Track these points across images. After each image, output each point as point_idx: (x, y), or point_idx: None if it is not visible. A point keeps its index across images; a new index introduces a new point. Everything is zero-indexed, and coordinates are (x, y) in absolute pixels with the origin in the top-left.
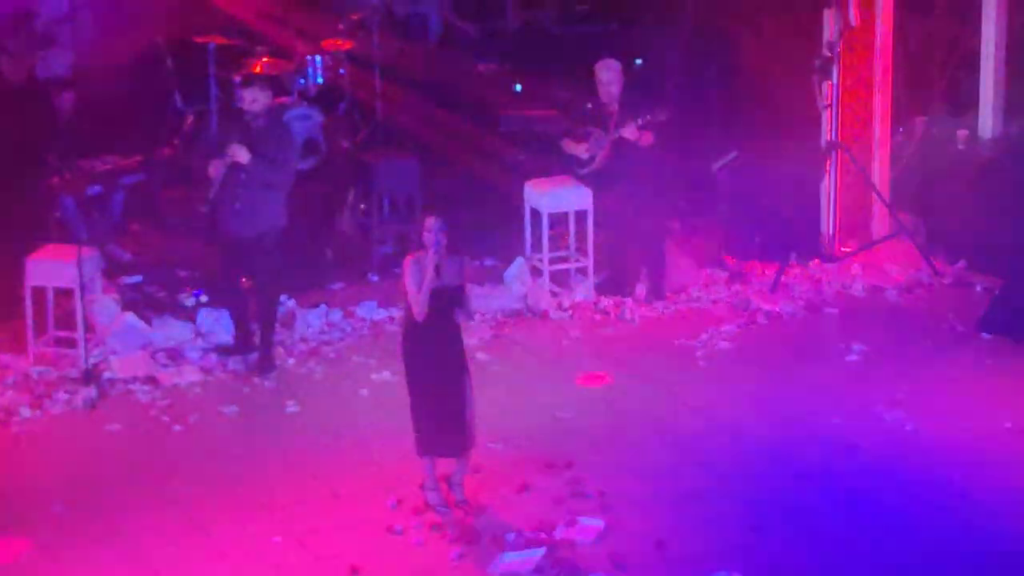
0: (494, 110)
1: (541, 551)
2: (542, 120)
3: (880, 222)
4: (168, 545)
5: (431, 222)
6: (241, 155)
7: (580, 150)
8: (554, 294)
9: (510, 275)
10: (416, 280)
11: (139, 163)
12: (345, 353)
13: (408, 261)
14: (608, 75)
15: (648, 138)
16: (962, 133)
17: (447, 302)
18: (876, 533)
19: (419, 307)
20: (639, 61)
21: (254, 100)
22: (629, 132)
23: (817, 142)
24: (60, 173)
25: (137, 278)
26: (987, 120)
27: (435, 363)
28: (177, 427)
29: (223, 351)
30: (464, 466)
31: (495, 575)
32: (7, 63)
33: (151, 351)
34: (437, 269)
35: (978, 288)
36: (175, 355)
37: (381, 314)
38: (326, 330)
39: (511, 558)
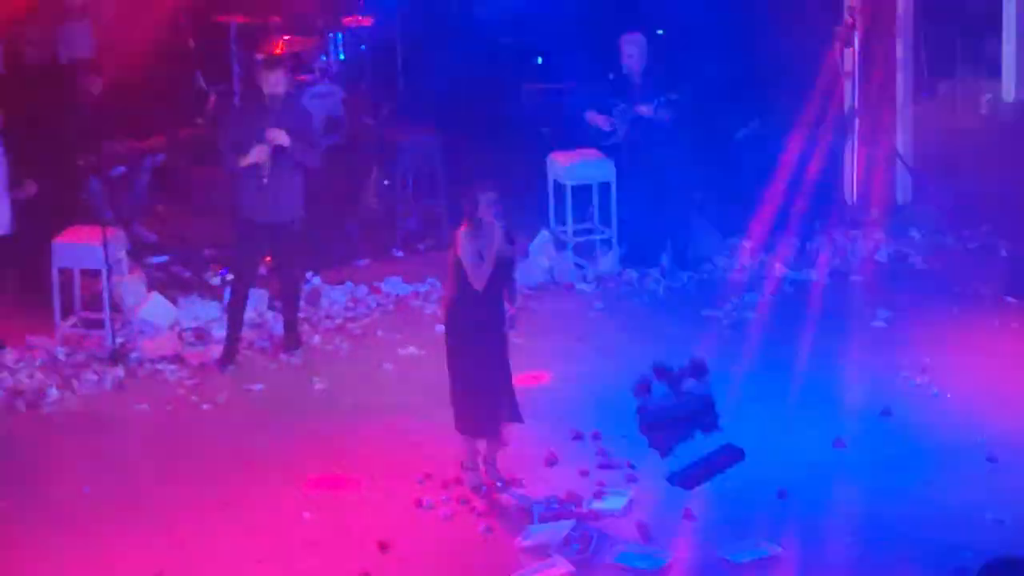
0: (516, 83)
1: (571, 523)
2: (564, 92)
3: (905, 188)
4: (198, 523)
5: (490, 196)
6: (283, 138)
7: (603, 122)
8: (579, 266)
9: (535, 248)
10: (473, 251)
11: (163, 143)
12: (370, 329)
13: (461, 233)
14: (631, 48)
15: (665, 113)
16: (985, 97)
17: (501, 273)
18: (904, 499)
19: (481, 278)
20: (661, 32)
21: (277, 83)
22: (646, 109)
23: (840, 109)
24: (85, 155)
25: (163, 258)
26: (1010, 84)
27: (483, 338)
28: (205, 406)
29: (223, 363)
30: (499, 444)
31: (524, 547)
32: (29, 50)
33: (178, 330)
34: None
35: (1003, 252)
36: (202, 334)
37: (406, 289)
38: (351, 306)
39: (539, 531)
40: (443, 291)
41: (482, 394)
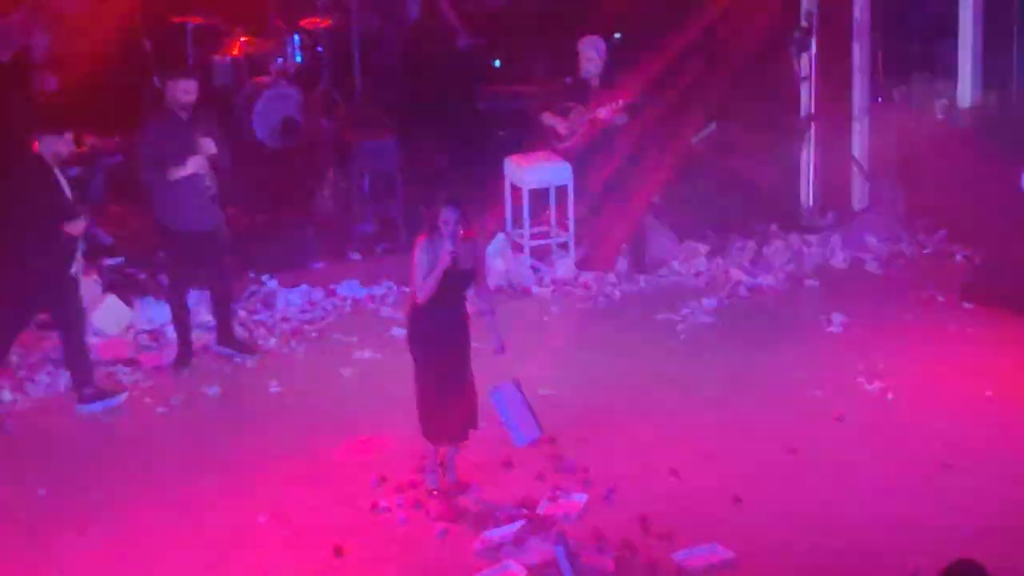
0: (473, 86)
1: (520, 523)
2: (522, 96)
3: (860, 193)
4: (153, 526)
5: (448, 213)
6: (211, 147)
7: (559, 124)
8: (535, 270)
9: (491, 251)
10: (425, 264)
11: (118, 144)
12: (326, 332)
13: (419, 243)
14: (590, 52)
15: (622, 118)
16: (941, 103)
17: (457, 285)
18: (858, 505)
19: (424, 292)
20: (618, 35)
21: (188, 91)
22: (604, 113)
23: (796, 114)
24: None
25: (118, 260)
26: (966, 89)
27: (443, 347)
28: (160, 409)
29: (178, 366)
30: (459, 448)
31: (478, 551)
32: None
33: (133, 333)
34: (453, 258)
35: (958, 257)
36: (157, 336)
37: (362, 293)
38: (307, 309)
39: (493, 534)
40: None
41: (443, 401)
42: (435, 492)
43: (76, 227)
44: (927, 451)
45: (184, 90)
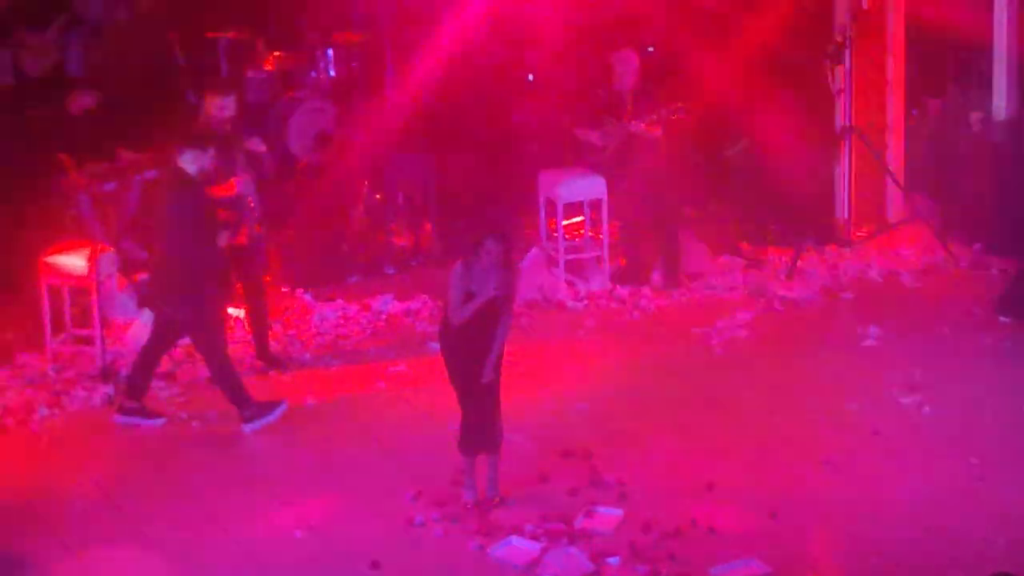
0: (507, 100)
1: (538, 546)
2: (556, 109)
3: (895, 206)
4: (189, 540)
5: (493, 244)
6: (243, 183)
7: (593, 138)
8: (570, 284)
9: (526, 265)
10: (459, 289)
11: (153, 159)
12: (361, 346)
13: (456, 266)
14: (623, 66)
15: (656, 132)
16: (976, 115)
17: (492, 310)
18: (894, 518)
19: (460, 319)
20: (651, 48)
21: (223, 108)
22: (636, 127)
23: (831, 127)
24: (76, 170)
25: None
26: (1001, 102)
27: (472, 365)
28: (195, 423)
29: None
30: (496, 463)
31: (494, 556)
32: (29, 60)
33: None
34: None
35: (994, 271)
36: (192, 351)
37: (397, 307)
38: (342, 323)
39: (511, 544)
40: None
41: (476, 413)
42: (471, 506)
43: (223, 240)
44: (963, 464)
45: (220, 106)
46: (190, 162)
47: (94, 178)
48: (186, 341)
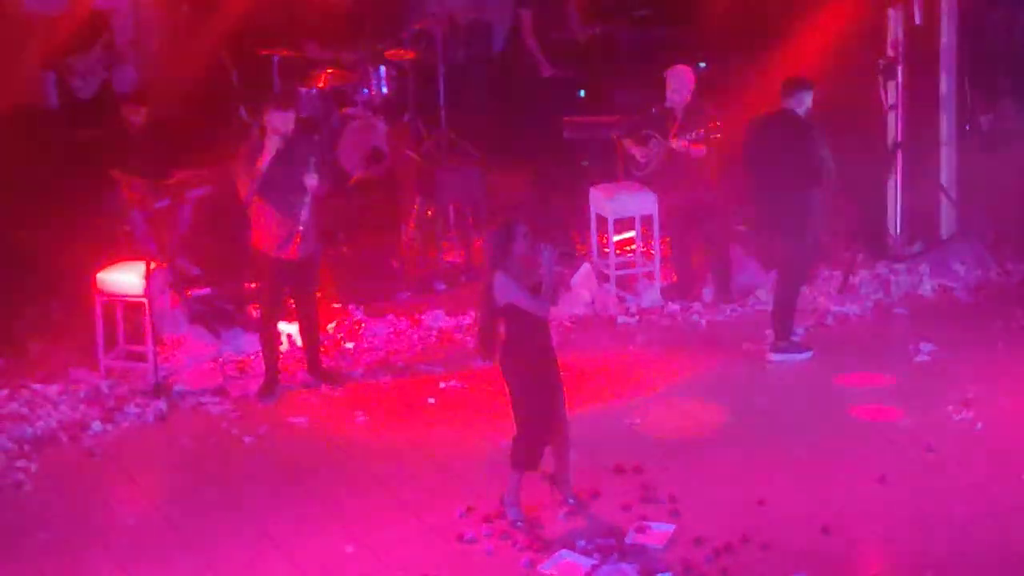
0: (558, 116)
1: (590, 562)
2: (606, 125)
3: (948, 221)
4: (242, 557)
5: (521, 228)
6: (313, 181)
7: (638, 152)
8: (621, 299)
9: (577, 280)
10: (520, 287)
11: (206, 176)
12: (412, 362)
13: (498, 277)
14: (675, 82)
15: (700, 150)
16: None
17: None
18: (948, 535)
19: (545, 308)
20: (703, 64)
21: (287, 122)
22: (679, 144)
23: (883, 142)
24: (128, 187)
25: (205, 291)
26: None
27: (547, 366)
28: (247, 438)
29: (264, 395)
30: (566, 460)
31: (544, 572)
32: (77, 82)
33: (220, 363)
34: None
35: None
36: (244, 367)
37: (448, 323)
38: (393, 339)
39: (565, 558)
40: (481, 333)
41: (549, 420)
42: (520, 525)
43: None
44: (1017, 482)
45: (283, 120)
46: (799, 104)
47: (147, 195)
48: (230, 354)
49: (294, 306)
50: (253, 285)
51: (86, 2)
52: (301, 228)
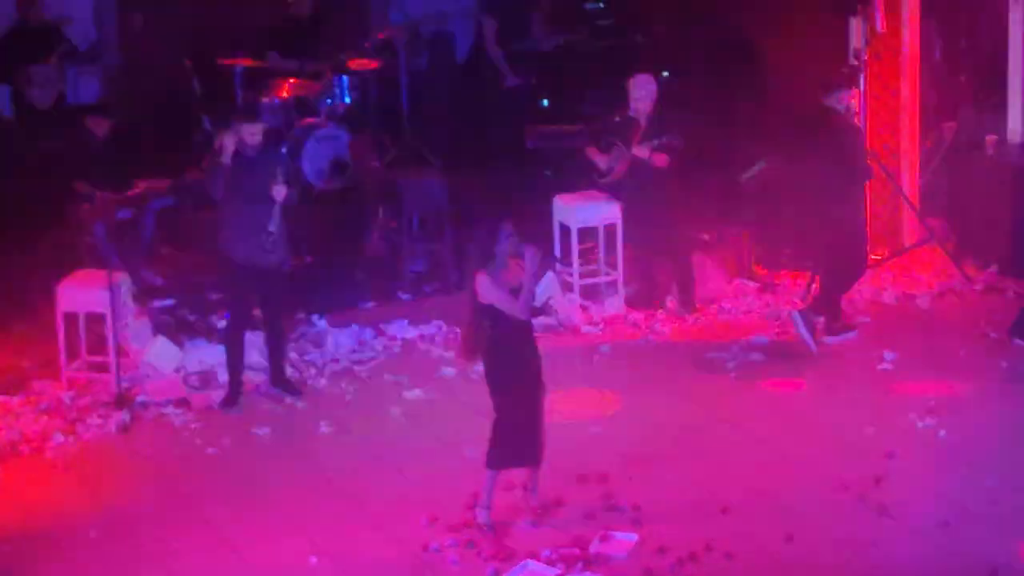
0: (521, 126)
1: (554, 572)
2: (569, 135)
3: (910, 229)
4: (204, 568)
5: (508, 227)
6: (281, 192)
7: (601, 160)
8: (585, 308)
9: (540, 290)
10: (502, 289)
11: (168, 187)
12: (376, 372)
13: (481, 278)
14: (638, 92)
15: (662, 160)
16: (990, 139)
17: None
18: (910, 542)
19: (526, 310)
20: (666, 73)
21: (254, 134)
22: (641, 152)
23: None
24: (90, 199)
25: (168, 302)
26: (1016, 125)
27: (527, 370)
28: (211, 450)
29: (227, 406)
30: (539, 470)
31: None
32: (36, 92)
33: (183, 374)
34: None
35: (1010, 294)
36: (207, 378)
37: (412, 332)
38: (357, 349)
39: (533, 567)
40: (464, 335)
41: (529, 422)
42: (487, 529)
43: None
44: (980, 488)
45: (250, 132)
46: (838, 102)
47: (110, 206)
48: (193, 365)
49: (261, 315)
50: (220, 295)
51: (43, 12)
52: (270, 237)
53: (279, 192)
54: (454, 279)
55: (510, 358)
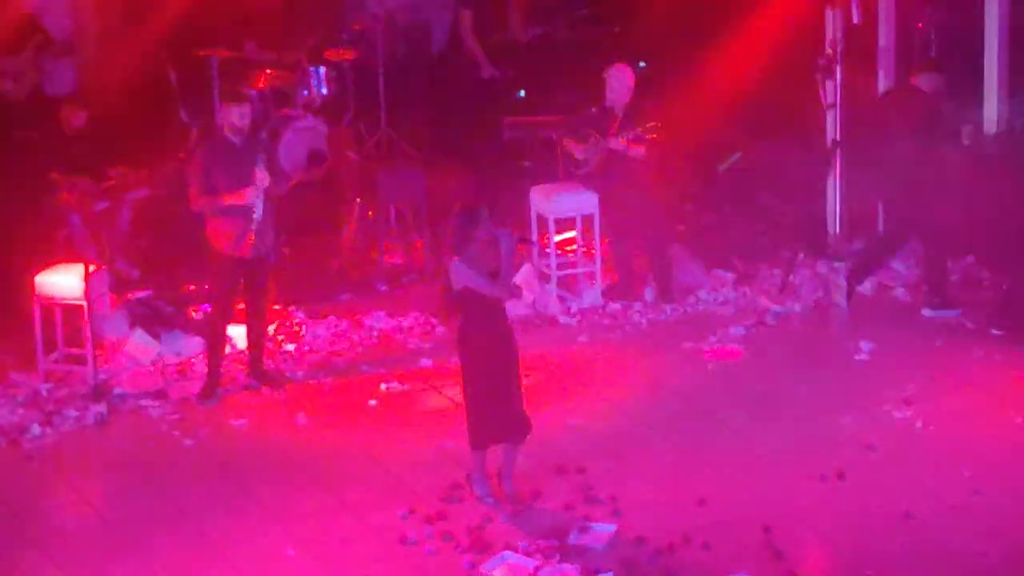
0: (498, 117)
1: (532, 563)
2: (546, 125)
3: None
4: (181, 559)
5: (483, 211)
6: (266, 180)
7: (577, 151)
8: (562, 299)
9: (518, 281)
10: (478, 272)
11: (145, 178)
12: (354, 363)
13: (456, 264)
14: (615, 82)
15: (639, 151)
16: (966, 128)
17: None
18: (887, 532)
19: (507, 291)
20: (643, 64)
21: (243, 116)
22: (616, 143)
23: (822, 141)
24: (67, 190)
25: (145, 293)
26: (992, 115)
27: (502, 348)
28: (188, 441)
29: (204, 397)
30: (514, 457)
31: (487, 573)
32: (10, 84)
33: (160, 366)
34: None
35: (986, 284)
36: (184, 370)
37: (389, 324)
38: (334, 340)
39: (506, 560)
40: (440, 301)
41: (505, 400)
42: (488, 501)
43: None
44: (957, 478)
45: (239, 115)
46: (927, 84)
47: (86, 197)
48: (170, 357)
49: (244, 306)
50: (205, 286)
51: (16, 2)
52: (255, 226)
53: (263, 179)
54: (431, 271)
55: (484, 341)
